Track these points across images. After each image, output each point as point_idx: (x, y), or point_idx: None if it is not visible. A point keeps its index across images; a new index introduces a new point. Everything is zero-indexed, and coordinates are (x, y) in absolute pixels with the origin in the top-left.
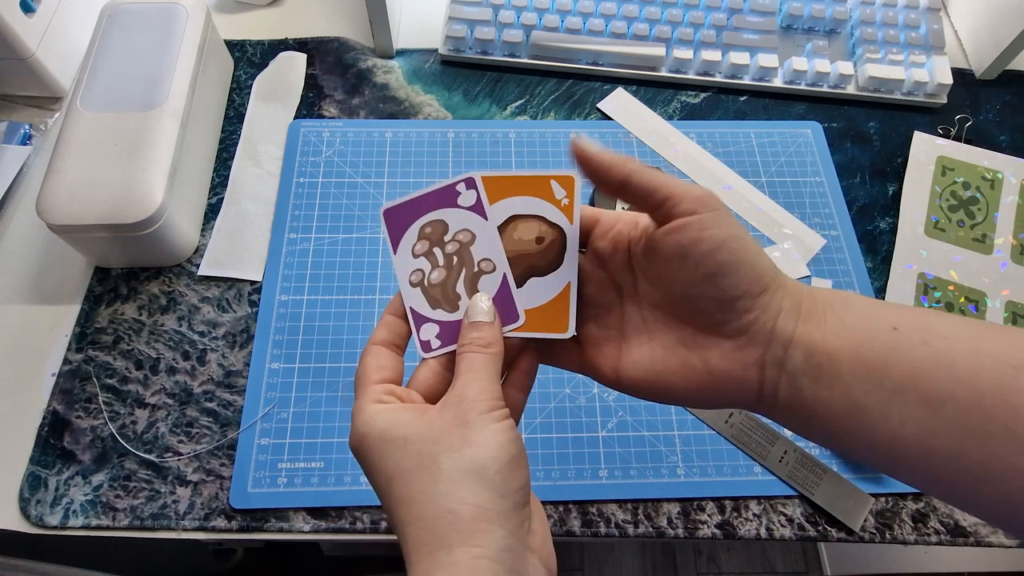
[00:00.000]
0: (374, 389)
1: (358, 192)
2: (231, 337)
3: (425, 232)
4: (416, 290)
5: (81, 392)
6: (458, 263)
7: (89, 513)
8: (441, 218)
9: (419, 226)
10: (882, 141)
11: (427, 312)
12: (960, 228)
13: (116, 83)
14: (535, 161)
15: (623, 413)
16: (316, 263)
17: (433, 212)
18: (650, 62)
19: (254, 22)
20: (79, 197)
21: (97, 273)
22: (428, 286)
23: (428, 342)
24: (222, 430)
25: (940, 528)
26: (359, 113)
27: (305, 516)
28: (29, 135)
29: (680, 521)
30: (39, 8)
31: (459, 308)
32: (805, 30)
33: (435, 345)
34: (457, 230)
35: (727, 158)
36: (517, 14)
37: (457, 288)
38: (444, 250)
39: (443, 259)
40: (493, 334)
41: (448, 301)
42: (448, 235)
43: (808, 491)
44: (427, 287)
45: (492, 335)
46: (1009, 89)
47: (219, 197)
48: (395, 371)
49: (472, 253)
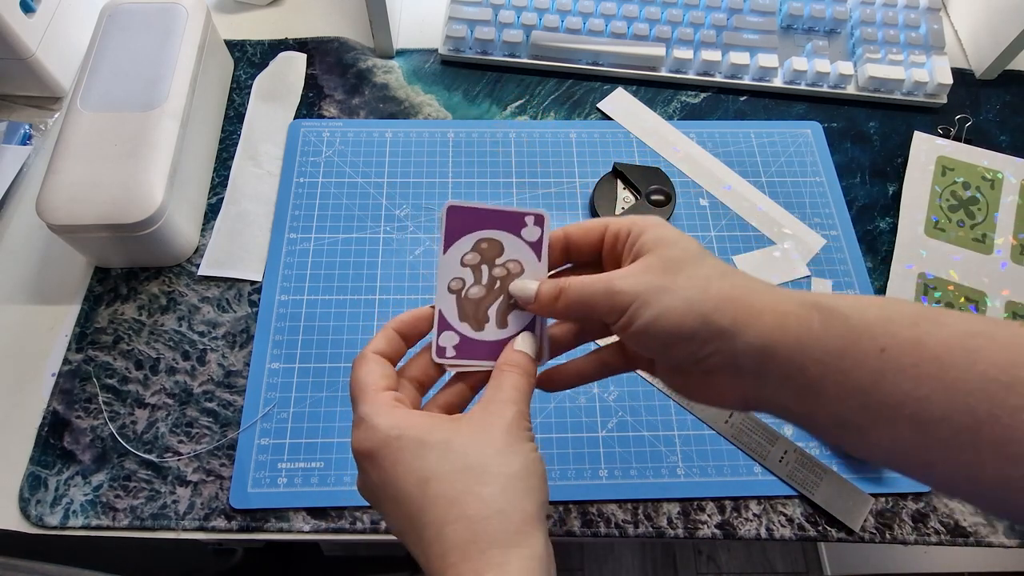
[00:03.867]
0: (386, 395)
1: (358, 192)
2: (231, 337)
3: (481, 247)
4: (452, 297)
5: (81, 392)
6: (499, 288)
7: (89, 513)
8: (500, 240)
9: (476, 238)
10: (882, 141)
11: (453, 321)
12: (960, 228)
13: (116, 83)
14: (535, 161)
15: (623, 413)
16: (316, 263)
17: (495, 231)
18: (650, 62)
19: (254, 22)
20: (79, 197)
21: (97, 273)
22: (464, 298)
23: (444, 349)
24: (222, 430)
25: (940, 528)
26: (359, 113)
27: (305, 516)
28: (29, 135)
29: (680, 521)
30: (39, 8)
31: (484, 329)
32: (805, 30)
33: (449, 354)
34: (510, 258)
35: (727, 158)
36: (517, 14)
37: (490, 311)
38: (492, 271)
39: (487, 279)
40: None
41: (477, 319)
42: (501, 259)
43: (808, 491)
44: (463, 298)
45: (534, 367)
46: (1009, 89)
47: (219, 197)
48: (394, 380)
49: None
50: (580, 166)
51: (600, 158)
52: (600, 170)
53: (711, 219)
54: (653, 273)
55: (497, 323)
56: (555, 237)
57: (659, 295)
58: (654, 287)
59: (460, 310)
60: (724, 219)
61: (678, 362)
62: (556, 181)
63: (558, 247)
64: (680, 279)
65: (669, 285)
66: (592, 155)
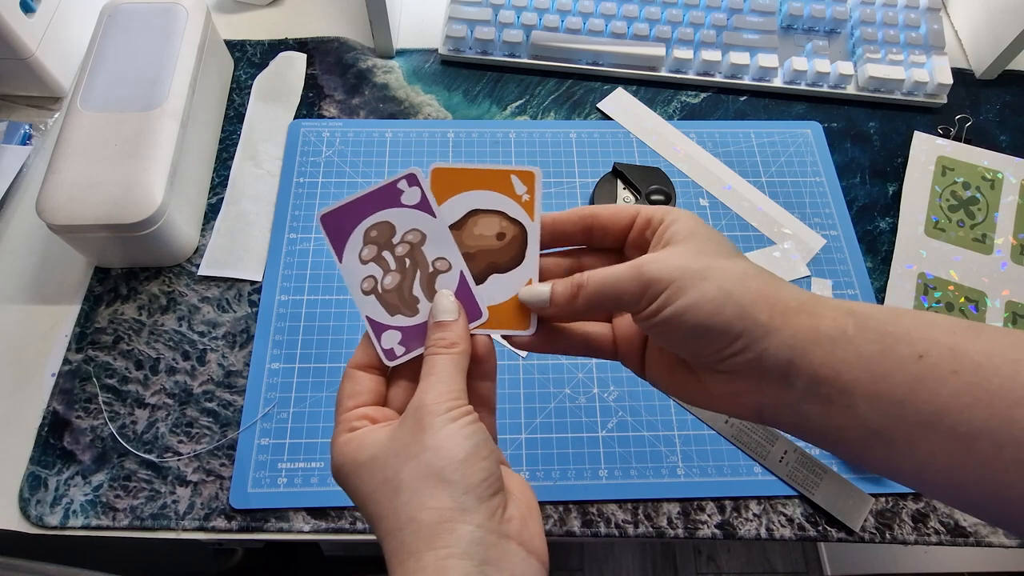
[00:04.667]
0: (346, 417)
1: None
2: (231, 337)
3: (371, 236)
4: (370, 298)
5: (81, 392)
6: (411, 265)
7: (89, 513)
8: (386, 219)
9: (363, 230)
10: (882, 141)
11: (386, 319)
12: (960, 228)
13: (116, 83)
14: (535, 161)
15: (623, 413)
16: (316, 263)
17: (376, 214)
18: (650, 62)
19: (254, 22)
20: (79, 197)
21: (97, 273)
22: (383, 292)
23: (391, 350)
24: (222, 430)
25: (940, 528)
26: (359, 113)
27: (305, 516)
28: (29, 135)
29: (680, 521)
30: (39, 8)
31: (419, 311)
32: (805, 30)
33: (399, 352)
34: (405, 231)
35: (727, 158)
36: (517, 14)
37: (414, 291)
38: (394, 253)
39: (395, 262)
40: (458, 332)
41: (406, 305)
42: (396, 236)
43: (808, 491)
44: (382, 293)
45: (457, 333)
46: (1009, 89)
47: (219, 197)
48: (372, 393)
49: (424, 253)
50: (580, 166)
51: (600, 158)
52: (600, 170)
53: (711, 219)
54: (688, 260)
55: (427, 297)
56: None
57: (696, 282)
58: (691, 273)
59: (386, 305)
60: (724, 219)
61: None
62: (556, 181)
63: (580, 226)
64: (716, 270)
65: (706, 274)
66: (592, 155)
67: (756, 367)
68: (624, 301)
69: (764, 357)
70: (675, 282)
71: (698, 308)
